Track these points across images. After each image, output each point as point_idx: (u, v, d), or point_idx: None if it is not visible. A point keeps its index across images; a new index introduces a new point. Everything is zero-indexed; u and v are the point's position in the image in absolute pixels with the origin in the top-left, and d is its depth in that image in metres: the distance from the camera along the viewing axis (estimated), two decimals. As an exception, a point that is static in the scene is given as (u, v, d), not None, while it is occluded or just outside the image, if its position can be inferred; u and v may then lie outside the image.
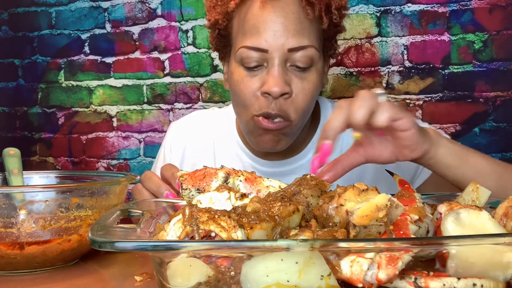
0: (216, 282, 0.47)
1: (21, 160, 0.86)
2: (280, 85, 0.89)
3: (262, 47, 0.90)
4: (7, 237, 0.68)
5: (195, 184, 0.65)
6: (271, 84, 0.89)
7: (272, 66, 0.91)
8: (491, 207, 0.62)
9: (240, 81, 0.94)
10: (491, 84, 1.62)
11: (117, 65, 2.00)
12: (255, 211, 0.51)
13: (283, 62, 0.91)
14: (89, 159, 2.05)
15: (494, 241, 0.45)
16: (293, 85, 0.92)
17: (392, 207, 0.51)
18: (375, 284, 0.44)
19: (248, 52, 0.91)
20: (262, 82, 0.92)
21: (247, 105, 0.94)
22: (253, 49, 0.91)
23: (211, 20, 0.99)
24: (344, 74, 1.75)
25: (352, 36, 1.73)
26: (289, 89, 0.91)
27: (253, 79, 0.93)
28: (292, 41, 0.90)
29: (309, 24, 0.92)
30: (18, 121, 2.13)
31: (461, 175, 0.77)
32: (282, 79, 0.90)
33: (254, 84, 0.92)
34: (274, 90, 0.89)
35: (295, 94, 0.92)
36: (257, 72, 0.93)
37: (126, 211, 0.61)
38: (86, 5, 2.02)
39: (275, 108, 0.91)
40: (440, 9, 1.65)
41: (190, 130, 1.18)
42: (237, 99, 0.96)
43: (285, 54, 0.90)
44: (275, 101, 0.90)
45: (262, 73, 0.92)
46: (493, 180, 0.77)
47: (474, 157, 0.78)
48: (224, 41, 1.01)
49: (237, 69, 0.95)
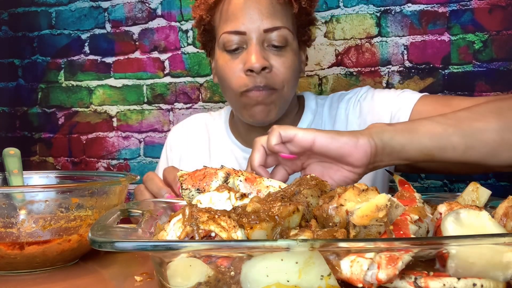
0: (216, 282, 0.47)
1: (21, 160, 0.86)
2: (260, 60, 0.99)
3: (241, 29, 1.00)
4: (7, 237, 0.68)
5: (195, 184, 0.65)
6: (253, 60, 0.99)
7: (250, 46, 1.00)
8: (491, 207, 0.62)
9: (224, 65, 1.04)
10: (491, 84, 1.62)
11: (117, 65, 2.00)
12: (255, 211, 0.51)
13: (261, 42, 1.01)
14: (89, 159, 2.05)
15: (494, 241, 0.45)
16: (271, 61, 1.01)
17: (392, 207, 0.51)
18: (375, 284, 0.44)
19: (229, 37, 1.01)
20: (243, 62, 1.01)
21: (234, 85, 1.03)
22: (233, 33, 1.01)
23: (196, 18, 1.08)
24: (344, 74, 1.75)
25: (352, 36, 1.73)
26: (268, 64, 1.00)
27: (235, 61, 1.02)
28: (267, 22, 1.00)
29: (281, 8, 1.02)
30: (18, 121, 2.13)
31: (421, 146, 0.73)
32: (261, 55, 1.00)
33: (236, 65, 1.02)
34: (255, 66, 0.98)
35: (275, 68, 1.01)
36: (238, 55, 1.02)
37: (126, 211, 0.61)
38: (86, 5, 2.02)
39: (262, 82, 1.00)
40: (440, 9, 1.65)
41: (188, 130, 1.28)
42: (224, 82, 1.06)
43: (262, 35, 1.00)
44: (258, 76, 1.00)
45: (243, 54, 1.02)
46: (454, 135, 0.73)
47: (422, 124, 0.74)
48: (209, 36, 1.11)
49: (221, 55, 1.05)
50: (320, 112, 1.17)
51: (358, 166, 0.72)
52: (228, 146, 1.19)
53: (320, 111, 1.17)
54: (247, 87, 1.01)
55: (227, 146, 1.20)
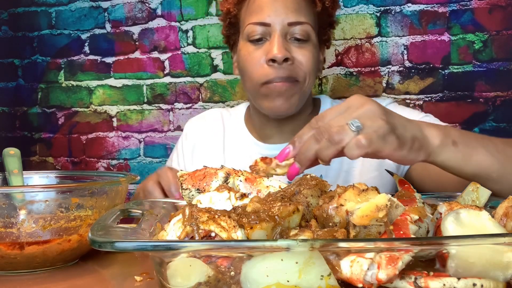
0: (216, 282, 0.47)
1: (21, 160, 0.86)
2: (282, 51, 1.01)
3: (266, 21, 1.04)
4: (7, 237, 0.68)
5: (195, 184, 0.65)
6: (275, 51, 1.02)
7: (273, 37, 1.04)
8: (491, 207, 0.62)
9: (247, 55, 1.07)
10: (491, 84, 1.62)
11: (117, 65, 2.00)
12: (255, 211, 0.51)
13: (284, 35, 1.04)
14: (89, 159, 2.05)
15: (494, 241, 0.45)
16: (293, 53, 1.04)
17: (392, 207, 0.51)
18: (375, 284, 0.44)
19: (254, 27, 1.05)
20: (266, 52, 1.04)
21: (255, 75, 1.05)
22: (258, 24, 1.05)
23: (224, 10, 1.13)
24: (344, 74, 1.75)
25: (352, 36, 1.73)
26: (290, 55, 1.03)
27: (258, 51, 1.05)
28: (291, 16, 1.04)
29: (305, 5, 1.06)
30: (18, 121, 2.13)
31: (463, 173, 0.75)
32: (283, 46, 1.02)
33: (259, 55, 1.05)
34: (277, 56, 1.01)
35: (297, 60, 1.04)
36: (261, 45, 1.06)
37: (126, 211, 0.61)
38: (86, 5, 2.02)
39: (284, 73, 1.02)
40: (440, 9, 1.65)
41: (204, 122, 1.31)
42: (245, 73, 1.08)
43: (285, 28, 1.04)
44: (280, 67, 1.02)
45: (265, 44, 1.05)
46: (495, 172, 0.75)
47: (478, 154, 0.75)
48: (233, 29, 1.14)
49: (245, 46, 1.08)
50: None
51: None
52: (242, 140, 1.22)
53: None
54: (268, 77, 1.03)
55: (241, 140, 1.22)
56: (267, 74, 1.03)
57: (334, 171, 1.12)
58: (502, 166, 0.77)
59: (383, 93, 1.71)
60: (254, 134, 1.21)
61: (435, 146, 0.72)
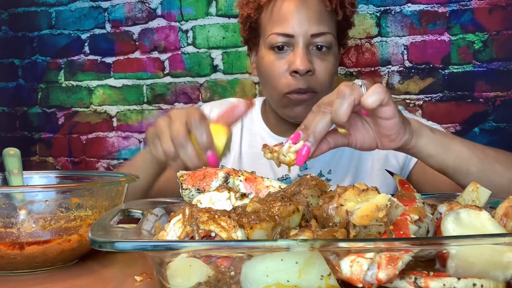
0: (216, 282, 0.47)
1: (21, 160, 0.86)
2: (305, 64, 1.05)
3: (289, 32, 1.07)
4: (7, 237, 0.68)
5: (195, 184, 0.65)
6: (298, 63, 1.05)
7: (297, 48, 1.07)
8: (491, 207, 0.62)
9: (270, 64, 1.10)
10: (491, 84, 1.62)
11: (117, 65, 2.00)
12: (255, 211, 0.51)
13: (306, 45, 1.07)
14: (89, 159, 2.05)
15: (494, 241, 0.45)
16: (315, 64, 1.08)
17: (392, 207, 0.51)
18: (375, 284, 0.44)
19: (278, 38, 1.08)
20: (289, 63, 1.07)
21: (277, 84, 1.09)
22: (282, 35, 1.08)
23: (244, 15, 1.15)
24: (344, 74, 1.75)
25: (352, 36, 1.73)
26: (312, 67, 1.07)
27: (281, 61, 1.09)
28: (314, 28, 1.07)
29: (327, 15, 1.09)
30: (18, 121, 2.13)
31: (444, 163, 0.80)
32: (307, 58, 1.06)
33: (282, 65, 1.08)
34: (300, 68, 1.04)
35: (317, 71, 1.08)
36: (284, 55, 1.09)
37: (126, 211, 0.61)
38: (86, 5, 2.02)
39: (304, 84, 1.06)
40: (440, 9, 1.65)
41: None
42: (268, 80, 1.12)
43: (308, 39, 1.07)
44: (302, 78, 1.06)
45: (288, 55, 1.08)
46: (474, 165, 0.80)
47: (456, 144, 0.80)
48: (253, 33, 1.17)
49: (267, 54, 1.11)
50: None
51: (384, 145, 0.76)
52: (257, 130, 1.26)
53: None
54: (290, 88, 1.07)
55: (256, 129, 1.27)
56: (289, 85, 1.07)
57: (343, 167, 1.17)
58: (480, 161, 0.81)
59: (383, 93, 1.71)
60: (269, 126, 1.26)
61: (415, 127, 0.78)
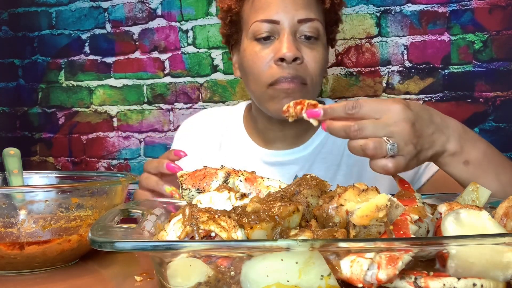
0: (216, 282, 0.47)
1: (21, 160, 0.86)
2: (292, 50, 0.96)
3: (274, 18, 0.98)
4: (7, 237, 0.68)
5: (195, 184, 0.65)
6: (283, 49, 0.96)
7: (283, 35, 0.98)
8: (491, 207, 0.61)
9: (254, 55, 1.01)
10: (491, 84, 1.62)
11: (117, 65, 2.00)
12: (255, 211, 0.51)
13: (293, 33, 0.99)
14: (90, 159, 2.05)
15: (494, 241, 0.44)
16: (303, 53, 0.99)
17: (392, 207, 0.51)
18: (375, 284, 0.44)
19: (261, 25, 0.99)
20: (274, 52, 0.98)
21: (261, 76, 0.99)
22: (265, 21, 0.99)
23: (224, 8, 1.06)
24: (344, 74, 1.75)
25: (352, 36, 1.73)
26: (300, 54, 0.97)
27: (266, 51, 1.00)
28: (302, 13, 0.98)
29: (314, 2, 1.01)
30: (18, 121, 2.13)
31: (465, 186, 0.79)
32: (294, 45, 0.97)
33: (267, 54, 0.99)
34: (287, 55, 0.95)
35: (306, 61, 0.99)
36: (268, 44, 1.00)
37: (126, 211, 0.61)
38: (86, 5, 2.02)
39: (291, 72, 0.97)
40: (440, 9, 1.65)
41: (199, 125, 1.24)
42: (250, 74, 1.02)
43: (295, 25, 0.98)
44: (288, 66, 0.97)
45: (273, 44, 1.00)
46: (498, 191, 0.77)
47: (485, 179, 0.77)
48: (234, 28, 1.08)
49: (250, 45, 1.02)
50: None
51: None
52: (241, 145, 1.16)
53: None
54: (274, 77, 0.98)
55: (240, 145, 1.16)
56: (273, 74, 0.98)
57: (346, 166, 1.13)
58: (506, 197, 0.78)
59: (383, 93, 1.71)
60: (255, 138, 1.15)
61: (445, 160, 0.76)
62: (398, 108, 0.70)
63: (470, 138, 0.77)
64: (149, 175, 0.89)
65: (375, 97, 1.72)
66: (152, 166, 0.89)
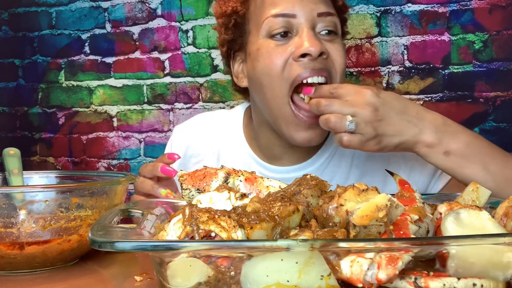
0: (216, 282, 0.47)
1: (21, 160, 0.86)
2: (316, 44, 0.87)
3: (290, 12, 0.89)
4: (7, 237, 0.68)
5: (195, 184, 0.65)
6: (306, 43, 0.86)
7: (302, 31, 0.89)
8: (491, 207, 0.61)
9: (271, 52, 0.89)
10: (491, 84, 1.62)
11: (117, 65, 2.00)
12: (255, 211, 0.51)
13: (312, 27, 0.90)
14: (90, 159, 2.05)
15: (494, 241, 0.44)
16: (327, 47, 0.90)
17: (392, 207, 0.51)
18: (375, 284, 0.44)
19: (276, 20, 0.89)
20: (295, 48, 0.88)
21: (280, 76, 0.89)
22: (280, 16, 0.89)
23: (227, 11, 0.96)
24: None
25: (352, 36, 1.73)
26: (325, 48, 0.89)
27: (284, 47, 0.89)
28: (321, 6, 0.90)
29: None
30: (18, 121, 2.13)
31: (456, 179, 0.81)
32: (317, 38, 0.88)
33: (285, 51, 0.89)
34: (311, 49, 0.86)
35: (332, 55, 0.91)
36: (285, 41, 0.90)
37: (126, 211, 0.61)
38: (86, 5, 2.02)
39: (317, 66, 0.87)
40: (440, 9, 1.65)
41: (192, 135, 1.13)
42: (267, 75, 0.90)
43: (314, 19, 0.90)
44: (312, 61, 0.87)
45: (292, 40, 0.90)
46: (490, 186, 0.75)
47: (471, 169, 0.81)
48: (238, 32, 0.98)
49: (265, 43, 0.91)
50: None
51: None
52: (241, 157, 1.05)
53: None
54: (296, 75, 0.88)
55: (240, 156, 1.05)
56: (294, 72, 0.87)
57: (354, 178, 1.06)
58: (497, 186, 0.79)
59: (383, 93, 1.71)
60: (258, 152, 1.04)
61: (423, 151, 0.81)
62: (367, 93, 0.80)
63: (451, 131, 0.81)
64: (144, 179, 0.89)
65: (375, 97, 1.72)
66: (147, 170, 0.89)
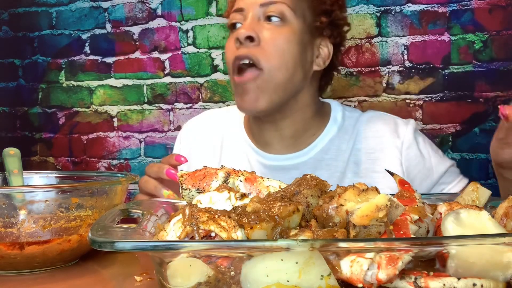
0: (216, 282, 0.47)
1: (21, 160, 0.86)
2: (245, 28, 0.97)
3: (240, 6, 1.02)
4: (7, 237, 0.68)
5: (195, 184, 0.65)
6: (239, 30, 0.98)
7: (246, 20, 1.00)
8: (491, 207, 0.61)
9: (227, 41, 1.05)
10: (491, 84, 1.62)
11: (118, 65, 2.00)
12: (255, 211, 0.51)
13: (257, 17, 1.00)
14: (90, 159, 2.05)
15: (494, 241, 0.44)
16: (262, 34, 0.98)
17: (392, 207, 0.51)
18: (375, 284, 0.44)
19: (233, 15, 1.04)
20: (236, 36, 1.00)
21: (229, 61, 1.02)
22: (234, 11, 1.03)
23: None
24: (344, 74, 1.75)
25: (352, 36, 1.73)
26: (255, 34, 0.97)
27: (231, 36, 1.03)
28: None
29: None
30: (18, 121, 2.13)
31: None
32: (250, 26, 0.98)
33: (232, 39, 1.02)
34: (240, 32, 0.97)
35: (264, 42, 0.98)
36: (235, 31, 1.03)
37: (126, 211, 0.61)
38: (86, 5, 2.02)
39: (242, 52, 0.97)
40: (440, 9, 1.65)
41: (200, 127, 1.24)
42: (227, 63, 1.05)
43: (257, 10, 1.00)
44: (242, 46, 0.98)
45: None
46: None
47: None
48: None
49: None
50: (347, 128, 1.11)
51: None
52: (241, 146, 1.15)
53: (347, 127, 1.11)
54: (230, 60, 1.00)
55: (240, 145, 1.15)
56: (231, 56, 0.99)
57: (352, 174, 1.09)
58: None
59: (383, 93, 1.71)
60: (255, 140, 1.14)
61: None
62: None
63: None
64: (148, 179, 0.90)
65: (375, 97, 1.72)
66: (152, 170, 0.90)
